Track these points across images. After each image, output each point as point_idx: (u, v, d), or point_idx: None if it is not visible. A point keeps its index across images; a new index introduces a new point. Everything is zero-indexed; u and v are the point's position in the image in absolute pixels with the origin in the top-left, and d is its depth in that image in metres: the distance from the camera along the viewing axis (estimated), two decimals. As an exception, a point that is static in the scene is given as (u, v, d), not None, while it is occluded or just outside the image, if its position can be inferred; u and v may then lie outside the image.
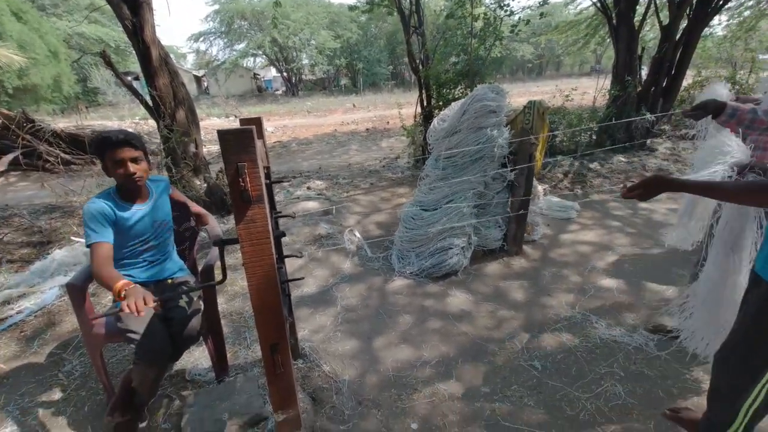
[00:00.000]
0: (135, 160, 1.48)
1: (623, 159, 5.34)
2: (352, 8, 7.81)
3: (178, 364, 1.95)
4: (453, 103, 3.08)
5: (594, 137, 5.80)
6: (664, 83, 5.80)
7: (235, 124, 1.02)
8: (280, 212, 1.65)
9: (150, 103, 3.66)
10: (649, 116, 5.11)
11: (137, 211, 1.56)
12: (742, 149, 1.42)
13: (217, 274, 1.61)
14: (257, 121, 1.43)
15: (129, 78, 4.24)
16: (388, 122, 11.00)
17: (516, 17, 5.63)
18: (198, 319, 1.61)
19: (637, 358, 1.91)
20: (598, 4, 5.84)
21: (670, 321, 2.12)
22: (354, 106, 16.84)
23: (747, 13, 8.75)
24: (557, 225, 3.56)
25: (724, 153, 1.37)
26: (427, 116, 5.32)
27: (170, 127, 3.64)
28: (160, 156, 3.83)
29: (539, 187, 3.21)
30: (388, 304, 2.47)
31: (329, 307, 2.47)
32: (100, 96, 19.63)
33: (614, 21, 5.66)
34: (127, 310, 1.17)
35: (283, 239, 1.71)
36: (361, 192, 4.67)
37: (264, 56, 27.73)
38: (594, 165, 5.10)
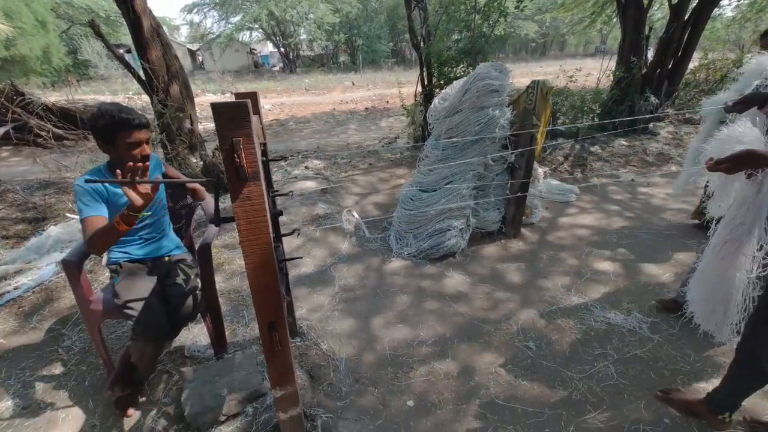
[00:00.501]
0: (147, 141, 1.47)
1: (624, 143, 5.28)
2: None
3: (178, 341, 1.97)
4: (455, 82, 3.00)
5: (596, 120, 5.73)
6: (670, 65, 5.67)
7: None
8: (277, 191, 1.62)
9: (143, 76, 3.55)
10: (653, 99, 5.02)
11: None
12: (759, 139, 1.37)
13: (215, 254, 1.59)
14: (253, 96, 1.38)
15: (120, 50, 4.08)
16: (387, 101, 10.79)
17: (522, -8, 5.40)
18: (195, 296, 1.61)
19: (630, 341, 1.94)
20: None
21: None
22: (353, 84, 16.47)
23: (759, -7, 8.49)
24: (556, 208, 3.56)
25: (740, 143, 1.32)
26: (427, 95, 5.21)
27: (164, 102, 3.55)
28: (155, 132, 3.74)
29: (539, 170, 3.17)
30: (386, 285, 2.48)
31: (327, 287, 2.48)
32: (92, 69, 19.02)
33: (623, -1, 5.49)
34: (143, 190, 1.19)
35: (281, 218, 1.69)
36: (360, 172, 4.62)
37: (260, 30, 26.80)
38: (595, 148, 5.05)
